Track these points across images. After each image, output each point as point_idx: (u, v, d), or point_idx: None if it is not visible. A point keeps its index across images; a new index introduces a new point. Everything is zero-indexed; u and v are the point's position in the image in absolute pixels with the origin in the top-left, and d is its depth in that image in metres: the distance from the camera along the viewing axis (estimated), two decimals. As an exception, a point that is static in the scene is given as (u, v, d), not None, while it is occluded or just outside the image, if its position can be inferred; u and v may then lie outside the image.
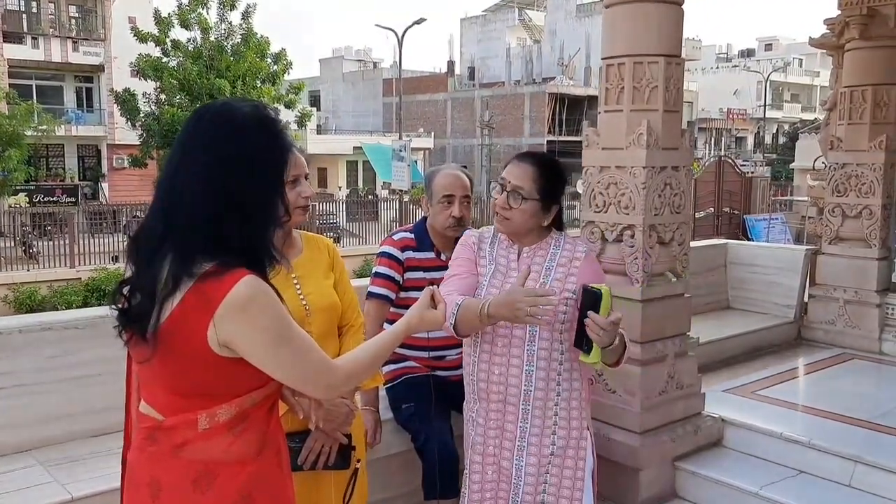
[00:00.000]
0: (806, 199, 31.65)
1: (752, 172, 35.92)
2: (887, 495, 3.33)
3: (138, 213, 20.68)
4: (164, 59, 22.28)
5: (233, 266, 1.52)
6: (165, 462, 1.58)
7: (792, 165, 37.55)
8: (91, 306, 15.55)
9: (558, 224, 2.53)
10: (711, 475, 3.59)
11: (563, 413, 2.43)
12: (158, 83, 22.07)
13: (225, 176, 1.54)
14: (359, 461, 2.44)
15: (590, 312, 2.19)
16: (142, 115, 22.62)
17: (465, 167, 3.52)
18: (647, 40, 3.44)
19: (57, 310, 15.47)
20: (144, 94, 22.73)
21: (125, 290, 1.59)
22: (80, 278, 17.40)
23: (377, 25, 28.50)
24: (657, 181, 3.50)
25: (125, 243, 1.71)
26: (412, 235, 3.20)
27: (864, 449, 3.52)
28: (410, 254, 3.16)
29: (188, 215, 1.53)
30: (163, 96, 22.34)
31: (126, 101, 22.55)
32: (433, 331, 1.93)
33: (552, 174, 2.45)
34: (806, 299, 5.62)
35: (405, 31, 28.36)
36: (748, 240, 21.67)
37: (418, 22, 27.82)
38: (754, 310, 5.69)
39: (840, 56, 5.53)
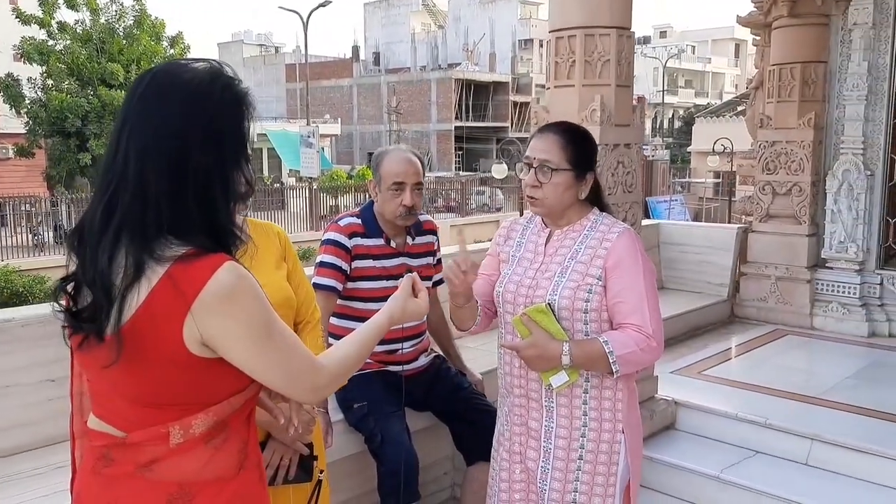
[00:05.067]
0: (703, 180, 32.95)
1: (652, 156, 37.04)
2: (842, 471, 3.33)
3: (26, 207, 19.40)
4: (51, 43, 20.96)
5: (209, 250, 1.28)
6: (129, 485, 1.34)
7: (689, 149, 39.00)
8: (-23, 307, 14.47)
9: (600, 203, 2.31)
10: (670, 460, 3.51)
11: (594, 413, 2.19)
12: (45, 68, 20.75)
13: (177, 146, 1.30)
14: (322, 472, 2.19)
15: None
16: (27, 101, 21.19)
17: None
18: (598, 11, 3.30)
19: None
20: (30, 79, 21.31)
21: (69, 288, 1.32)
22: (-38, 277, 16.15)
23: (281, 7, 27.61)
24: (610, 159, 3.37)
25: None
26: (359, 221, 2.95)
27: (817, 426, 3.50)
28: (358, 241, 2.91)
29: (136, 191, 1.28)
30: (50, 82, 21.02)
31: (9, 87, 21.05)
32: (413, 322, 1.70)
33: (580, 140, 2.25)
34: (738, 277, 5.66)
35: (310, 14, 27.64)
36: (653, 221, 22.30)
37: (323, 4, 27.16)
38: (687, 289, 5.69)
39: (767, 34, 5.58)
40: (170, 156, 1.29)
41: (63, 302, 1.33)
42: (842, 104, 5.15)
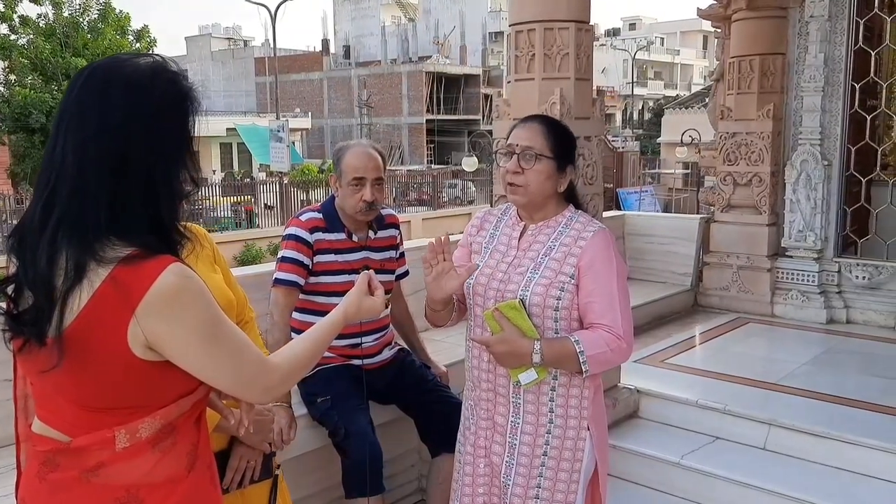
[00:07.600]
0: (672, 171, 33.24)
1: (623, 148, 37.25)
2: (799, 455, 3.41)
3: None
4: (13, 37, 20.60)
5: (153, 250, 1.25)
6: (75, 490, 1.31)
7: (658, 140, 39.28)
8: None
9: (575, 200, 2.31)
10: (632, 447, 3.57)
11: (560, 410, 2.18)
12: (7, 63, 20.41)
13: (117, 142, 1.26)
14: (278, 466, 2.21)
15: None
16: (-11, 97, 20.86)
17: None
18: (557, 5, 3.33)
19: None
20: (-9, 74, 21.00)
21: (9, 290, 1.29)
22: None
23: (248, 0, 27.31)
24: (570, 152, 3.40)
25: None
26: (321, 215, 2.95)
27: (774, 412, 3.58)
28: (320, 235, 2.91)
29: (75, 189, 1.24)
30: (13, 77, 20.69)
31: (-30, 83, 20.74)
32: (369, 319, 1.71)
33: (561, 131, 2.26)
34: (701, 267, 5.75)
35: (278, 7, 27.39)
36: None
37: (291, -2, 26.91)
38: (653, 279, 5.76)
39: (727, 27, 5.66)
40: (110, 152, 1.25)
41: (3, 304, 1.29)
42: (800, 95, 5.24)
